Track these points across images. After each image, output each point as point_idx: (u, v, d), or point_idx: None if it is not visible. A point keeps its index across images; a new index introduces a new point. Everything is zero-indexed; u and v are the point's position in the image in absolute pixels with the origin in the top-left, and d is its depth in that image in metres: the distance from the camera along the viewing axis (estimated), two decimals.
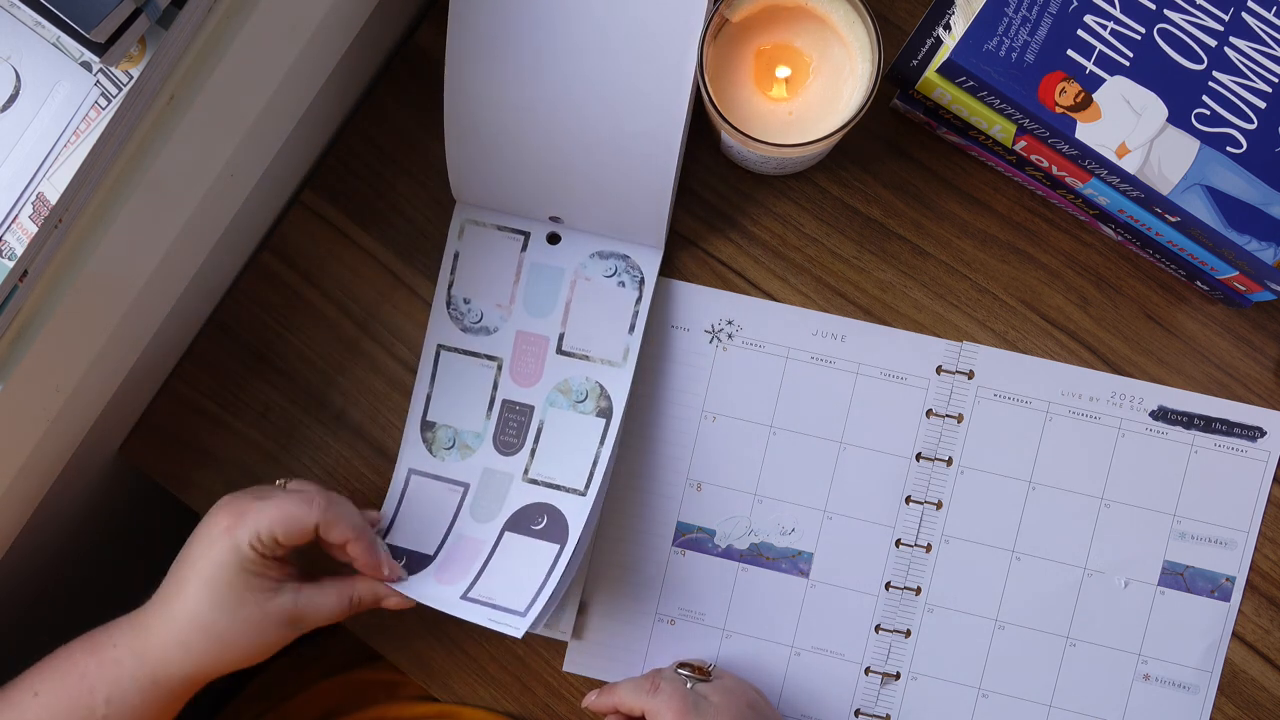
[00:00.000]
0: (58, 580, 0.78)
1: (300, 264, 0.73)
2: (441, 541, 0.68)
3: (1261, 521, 0.68)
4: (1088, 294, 0.70)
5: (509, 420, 0.70)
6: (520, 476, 0.69)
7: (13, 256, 0.52)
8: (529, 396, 0.70)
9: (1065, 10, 0.61)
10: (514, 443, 0.69)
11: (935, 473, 0.69)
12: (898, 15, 0.71)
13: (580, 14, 0.65)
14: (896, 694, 0.69)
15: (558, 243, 0.70)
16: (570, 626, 0.69)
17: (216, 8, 0.55)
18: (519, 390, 0.70)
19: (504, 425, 0.70)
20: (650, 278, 0.70)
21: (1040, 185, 0.69)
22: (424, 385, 0.71)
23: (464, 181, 0.70)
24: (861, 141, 0.71)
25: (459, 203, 0.71)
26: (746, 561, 0.70)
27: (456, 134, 0.67)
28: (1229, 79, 0.61)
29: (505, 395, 0.70)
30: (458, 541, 0.68)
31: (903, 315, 0.70)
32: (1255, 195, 0.61)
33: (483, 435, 0.70)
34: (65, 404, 0.60)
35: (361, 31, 0.67)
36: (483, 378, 0.70)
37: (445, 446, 0.70)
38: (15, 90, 0.52)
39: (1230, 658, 0.68)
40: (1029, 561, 0.69)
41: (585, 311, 0.70)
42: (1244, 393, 0.69)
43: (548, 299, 0.70)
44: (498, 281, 0.71)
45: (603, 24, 0.65)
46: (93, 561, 0.83)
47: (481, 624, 0.61)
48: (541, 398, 0.69)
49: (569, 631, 0.69)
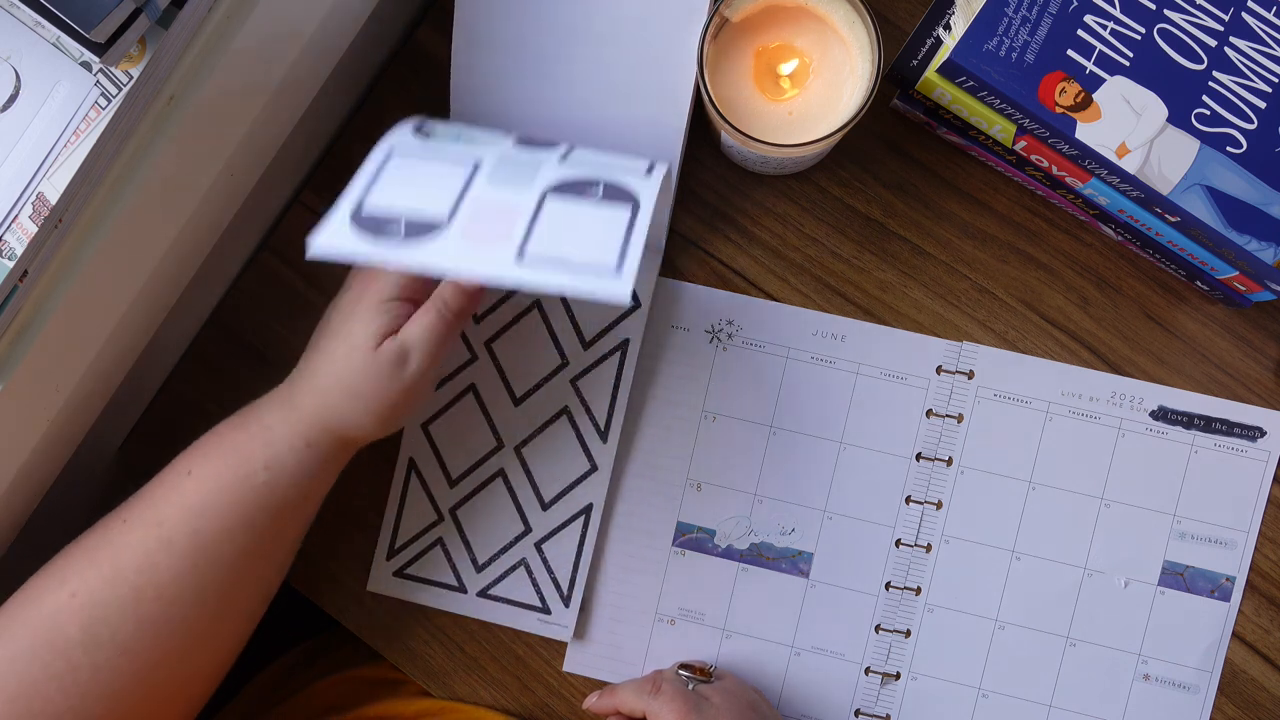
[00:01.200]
0: None
1: (300, 264, 0.73)
2: (454, 207, 0.54)
3: (1261, 521, 0.68)
4: (1088, 294, 0.70)
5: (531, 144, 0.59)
6: (556, 160, 0.56)
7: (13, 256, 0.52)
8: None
9: (1065, 10, 0.61)
10: (541, 145, 0.58)
11: (935, 473, 0.69)
12: (898, 15, 0.71)
13: (582, 14, 0.65)
14: (896, 694, 0.69)
15: None
16: (572, 622, 0.69)
17: (216, 8, 0.55)
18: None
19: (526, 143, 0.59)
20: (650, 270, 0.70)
21: (1040, 185, 0.69)
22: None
23: None
24: (861, 141, 0.71)
25: None
26: (746, 561, 0.70)
27: None
28: (1229, 79, 0.61)
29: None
30: (477, 206, 0.53)
31: (903, 315, 0.70)
32: (1255, 195, 0.61)
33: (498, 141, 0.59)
34: (65, 404, 0.60)
35: (361, 31, 0.67)
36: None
37: (449, 139, 0.59)
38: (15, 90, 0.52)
39: (1230, 658, 0.68)
40: (1029, 561, 0.69)
41: None
42: (1244, 393, 0.69)
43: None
44: None
45: (604, 24, 0.65)
46: None
47: (556, 290, 0.50)
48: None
49: (570, 629, 0.69)
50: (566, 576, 0.69)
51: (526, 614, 0.69)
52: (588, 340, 0.70)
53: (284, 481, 0.58)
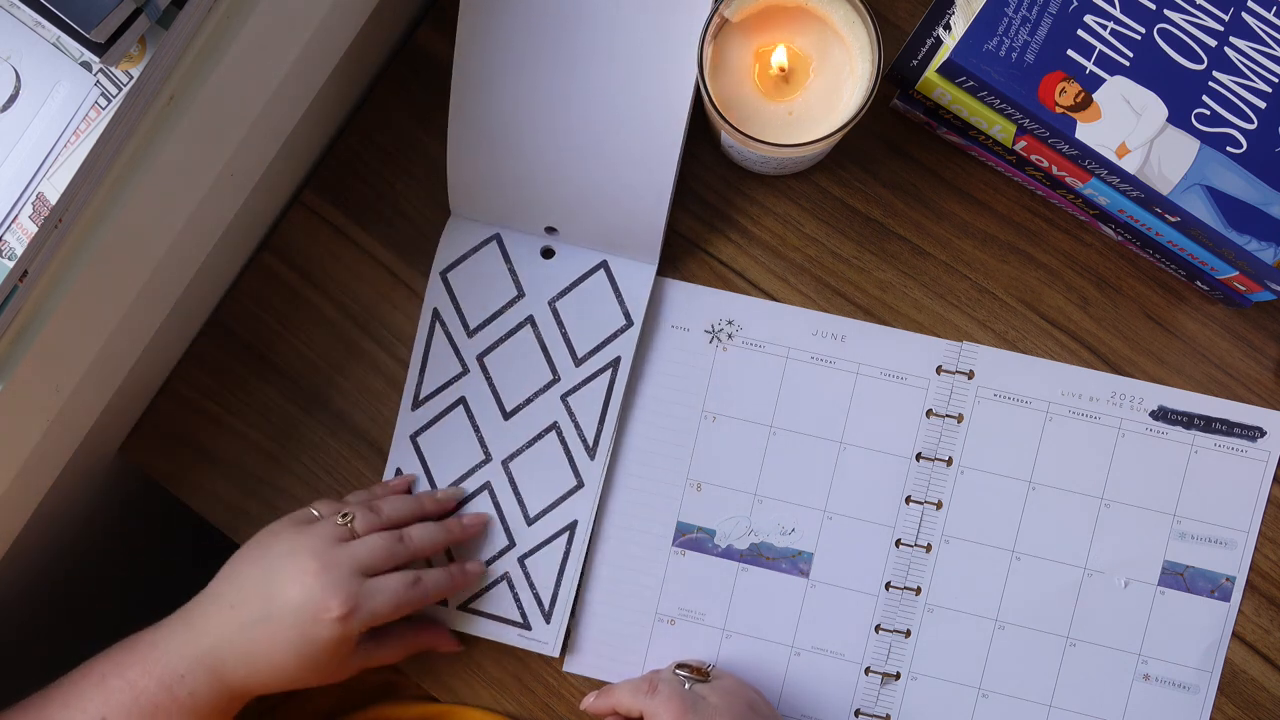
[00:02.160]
0: (58, 580, 0.78)
1: (300, 264, 0.73)
2: None
3: (1261, 521, 0.68)
4: (1088, 294, 0.70)
5: None
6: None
7: (13, 256, 0.52)
8: None
9: (1065, 10, 0.61)
10: None
11: (935, 473, 0.69)
12: (898, 15, 0.71)
13: (582, 15, 0.65)
14: (896, 694, 0.69)
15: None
16: (554, 638, 0.69)
17: (216, 8, 0.55)
18: None
19: None
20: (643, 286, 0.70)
21: (1040, 185, 0.69)
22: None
23: (463, 193, 0.70)
24: (861, 141, 0.71)
25: (454, 218, 0.71)
26: (746, 561, 0.70)
27: (459, 144, 0.68)
28: (1229, 79, 0.61)
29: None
30: None
31: (903, 315, 0.70)
32: (1255, 195, 0.61)
33: None
34: (65, 404, 0.60)
35: (361, 31, 0.67)
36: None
37: None
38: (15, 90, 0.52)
39: (1230, 658, 0.68)
40: (1029, 561, 0.69)
41: None
42: (1244, 393, 0.69)
43: None
44: None
45: (604, 24, 0.65)
46: (93, 562, 0.82)
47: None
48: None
49: (551, 645, 0.69)
50: (549, 592, 0.69)
51: (507, 629, 0.69)
52: (579, 357, 0.70)
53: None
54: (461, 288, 0.71)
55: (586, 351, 0.70)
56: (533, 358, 0.70)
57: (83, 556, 0.80)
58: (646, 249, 0.69)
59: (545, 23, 0.66)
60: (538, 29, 0.66)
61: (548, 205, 0.69)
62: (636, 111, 0.66)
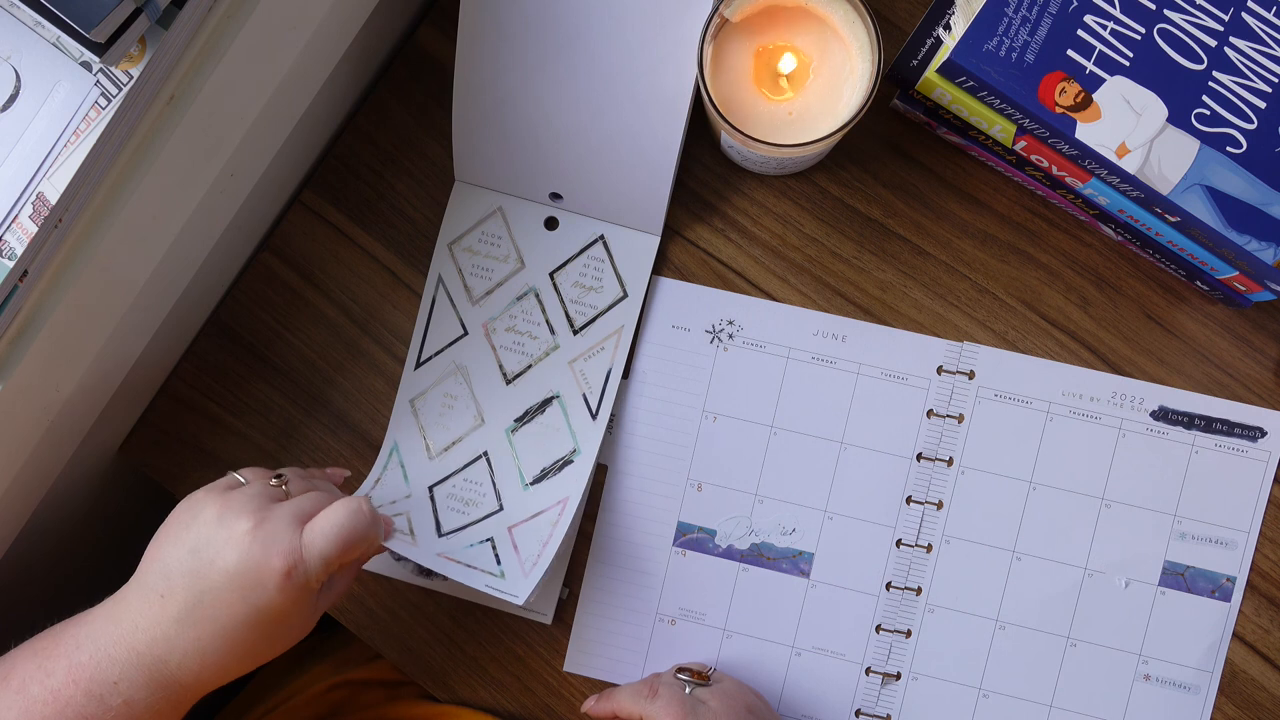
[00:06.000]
0: (58, 580, 0.78)
1: (300, 264, 0.73)
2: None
3: (1262, 521, 0.68)
4: (1088, 294, 0.70)
5: None
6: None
7: (13, 256, 0.52)
8: None
9: (1065, 10, 0.61)
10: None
11: (936, 473, 0.69)
12: (898, 15, 0.71)
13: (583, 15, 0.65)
14: (897, 694, 0.69)
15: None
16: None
17: (216, 8, 0.55)
18: None
19: None
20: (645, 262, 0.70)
21: (1040, 185, 0.69)
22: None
23: (467, 160, 0.70)
24: (861, 141, 0.71)
25: (458, 183, 0.71)
26: (747, 561, 0.70)
27: (464, 117, 0.68)
28: (1229, 79, 0.61)
29: None
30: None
31: (903, 315, 0.70)
32: (1255, 195, 0.61)
33: None
34: (65, 404, 0.60)
35: (361, 31, 0.67)
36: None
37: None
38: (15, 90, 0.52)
39: (1230, 658, 0.68)
40: (1029, 562, 0.69)
41: None
42: (1244, 393, 0.69)
43: None
44: None
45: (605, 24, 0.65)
46: (93, 562, 0.82)
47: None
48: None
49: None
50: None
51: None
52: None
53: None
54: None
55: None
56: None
57: (83, 557, 0.80)
58: (650, 218, 0.69)
59: (546, 23, 0.66)
60: (538, 30, 0.66)
61: (552, 170, 0.69)
62: (637, 111, 0.66)
